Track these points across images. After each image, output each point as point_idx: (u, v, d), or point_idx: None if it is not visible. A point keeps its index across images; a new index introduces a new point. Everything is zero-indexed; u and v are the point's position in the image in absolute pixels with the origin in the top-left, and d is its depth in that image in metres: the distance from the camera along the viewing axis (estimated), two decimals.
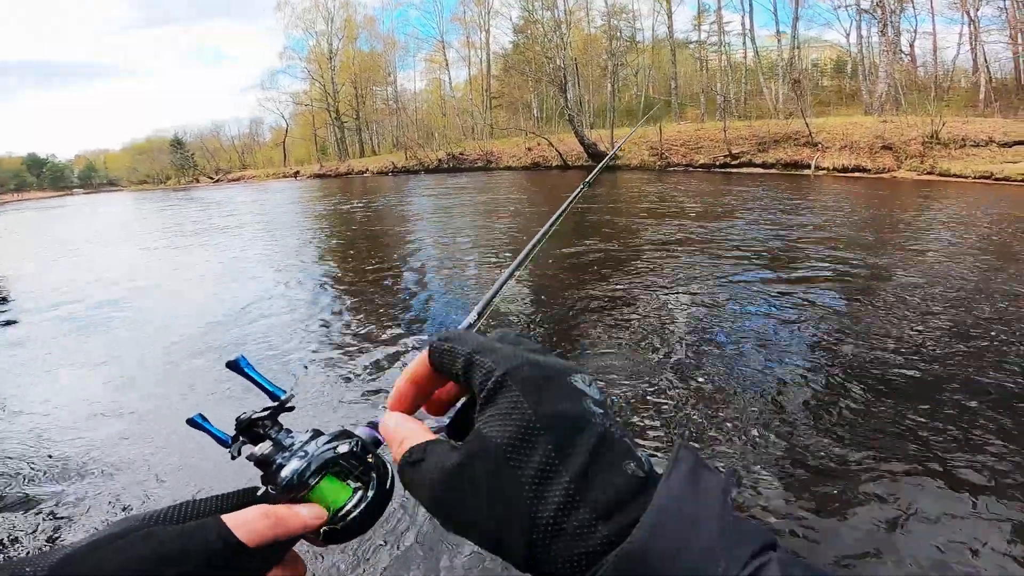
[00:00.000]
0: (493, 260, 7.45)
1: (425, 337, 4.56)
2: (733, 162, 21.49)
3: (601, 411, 0.30)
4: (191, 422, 0.43)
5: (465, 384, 0.33)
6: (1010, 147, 16.05)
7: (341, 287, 6.62)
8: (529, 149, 30.56)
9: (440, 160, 33.75)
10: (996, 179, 14.62)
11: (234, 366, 0.45)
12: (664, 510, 0.26)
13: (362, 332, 4.81)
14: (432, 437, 0.34)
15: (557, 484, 0.27)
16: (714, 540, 0.26)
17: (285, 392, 0.44)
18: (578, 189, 0.92)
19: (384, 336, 4.67)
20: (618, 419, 0.22)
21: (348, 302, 5.88)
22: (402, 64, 59.45)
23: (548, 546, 0.27)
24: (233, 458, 0.41)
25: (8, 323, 6.02)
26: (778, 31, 32.84)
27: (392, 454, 0.35)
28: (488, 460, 0.29)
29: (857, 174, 17.70)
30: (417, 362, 0.37)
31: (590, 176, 1.01)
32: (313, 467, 0.38)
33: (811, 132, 20.13)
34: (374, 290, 6.24)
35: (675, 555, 0.25)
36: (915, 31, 29.14)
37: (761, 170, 20.37)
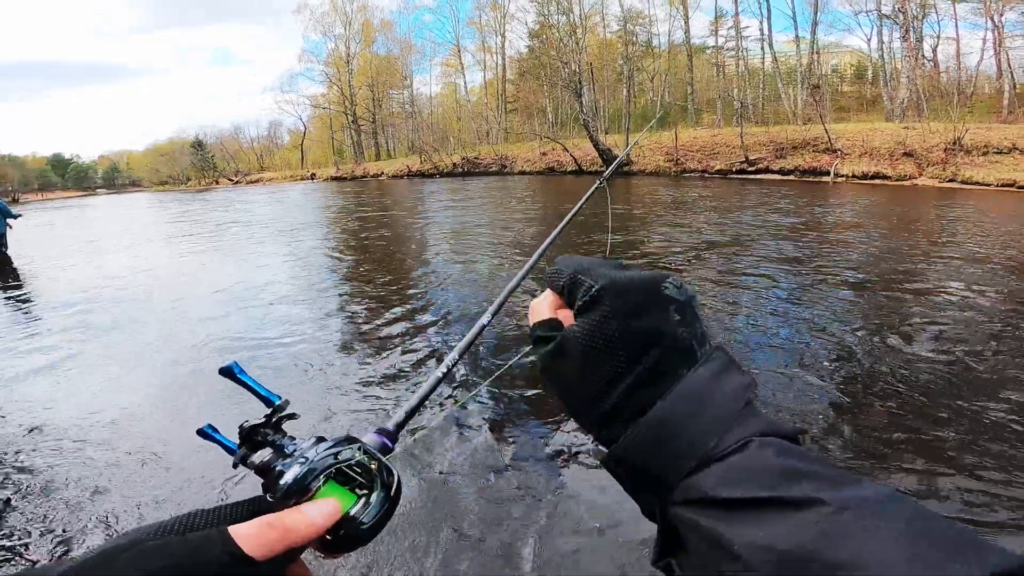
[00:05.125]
0: (507, 261, 7.45)
1: (437, 340, 4.57)
2: (750, 168, 21.27)
3: (679, 317, 0.36)
4: (201, 433, 0.42)
5: (567, 298, 0.40)
6: None
7: (356, 289, 6.67)
8: (544, 154, 30.57)
9: (455, 164, 33.90)
10: (1020, 187, 14.30)
11: (227, 372, 0.43)
12: (680, 394, 0.33)
13: (375, 337, 4.83)
14: (549, 316, 0.41)
15: (620, 385, 0.35)
16: (714, 421, 0.33)
17: (280, 398, 0.43)
18: (594, 186, 0.91)
19: (397, 341, 4.69)
20: (695, 317, 0.36)
21: (362, 305, 5.91)
22: (418, 68, 59.90)
23: (606, 424, 0.36)
24: (235, 465, 0.41)
25: (26, 320, 6.15)
26: (797, 36, 32.56)
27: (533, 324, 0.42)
28: (575, 359, 0.37)
29: (877, 181, 17.42)
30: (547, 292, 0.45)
31: (607, 171, 1.00)
32: (314, 473, 0.38)
33: (830, 138, 19.87)
34: (388, 292, 6.27)
35: (679, 428, 0.33)
36: (938, 36, 28.66)
37: (779, 177, 20.12)
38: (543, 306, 0.43)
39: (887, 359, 3.72)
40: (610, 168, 1.01)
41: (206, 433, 0.42)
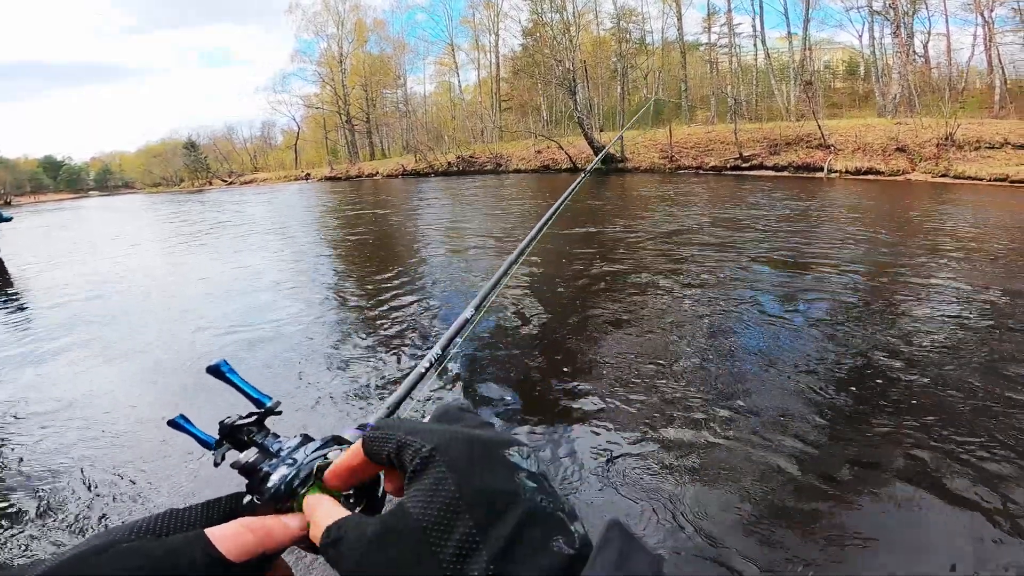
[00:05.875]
0: (497, 256, 7.44)
1: (424, 335, 4.57)
2: (744, 164, 21.32)
3: (534, 485, 0.30)
4: (172, 423, 0.41)
5: (398, 466, 0.32)
6: None
7: (344, 285, 6.65)
8: (539, 152, 30.56)
9: (450, 163, 33.85)
10: (1012, 182, 14.39)
11: (215, 371, 0.42)
12: None
13: (361, 332, 4.82)
14: (347, 514, 0.34)
15: (476, 564, 0.26)
16: None
17: (271, 399, 0.42)
18: (578, 180, 0.92)
19: (382, 336, 4.68)
20: (555, 491, 0.30)
21: (349, 301, 5.89)
22: (412, 67, 59.79)
23: None
24: (216, 464, 0.40)
25: (17, 319, 6.12)
26: (789, 33, 32.67)
27: (311, 536, 0.34)
28: (407, 536, 0.28)
29: (871, 176, 17.49)
30: (352, 449, 0.36)
31: (591, 165, 1.01)
32: (302, 475, 0.37)
33: (824, 134, 19.95)
34: (376, 288, 6.26)
35: None
36: (928, 32, 28.81)
37: (773, 172, 20.19)
38: (327, 504, 0.36)
39: (876, 351, 3.75)
40: (594, 161, 1.02)
41: (178, 424, 0.41)
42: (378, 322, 5.04)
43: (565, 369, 3.73)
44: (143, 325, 5.53)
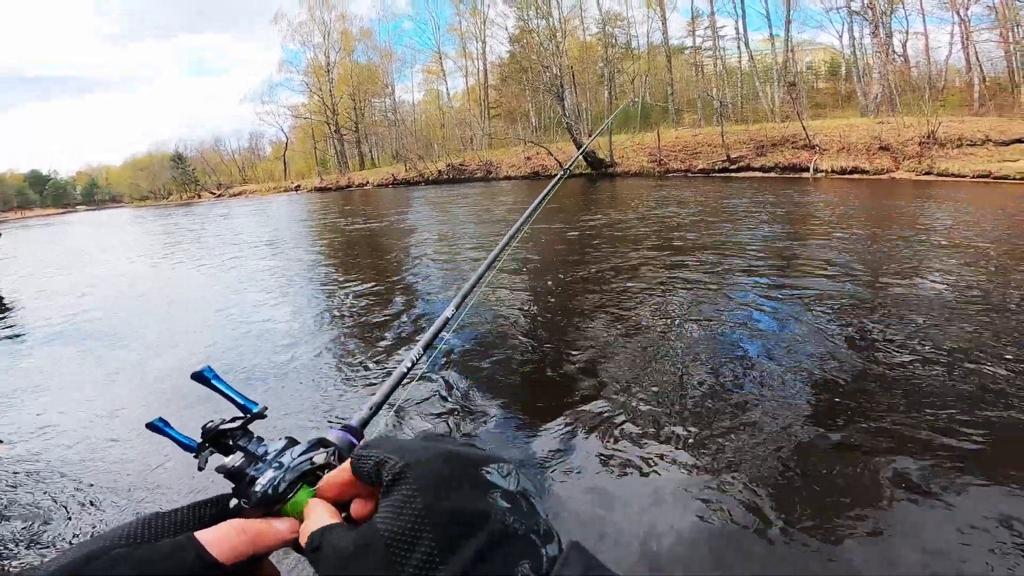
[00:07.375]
0: (482, 257, 7.43)
1: (407, 336, 4.55)
2: (732, 166, 21.55)
3: (507, 505, 0.30)
4: (151, 426, 0.41)
5: (377, 482, 0.33)
6: (1007, 145, 16.07)
7: (331, 291, 6.63)
8: (528, 158, 30.68)
9: (440, 171, 33.90)
10: (995, 178, 14.63)
11: (200, 378, 0.42)
12: None
13: (343, 333, 4.82)
14: (332, 521, 0.34)
15: None
16: None
17: (257, 405, 0.42)
18: (557, 177, 0.94)
19: (368, 335, 4.67)
20: (534, 510, 0.30)
21: (334, 304, 5.88)
22: (399, 76, 59.85)
23: None
24: (200, 469, 0.40)
25: (11, 329, 6.05)
26: (771, 35, 33.07)
27: (300, 538, 0.35)
28: (375, 553, 0.28)
29: (856, 176, 17.73)
30: (343, 467, 0.37)
31: (570, 163, 1.03)
32: (289, 479, 0.37)
33: (808, 135, 20.19)
34: (364, 292, 6.25)
35: None
36: (906, 32, 29.29)
37: (760, 174, 20.41)
38: (320, 510, 0.36)
39: (872, 349, 3.79)
40: (572, 160, 1.05)
41: (157, 427, 0.41)
42: (362, 325, 5.04)
43: (550, 369, 3.73)
44: (133, 332, 5.48)
